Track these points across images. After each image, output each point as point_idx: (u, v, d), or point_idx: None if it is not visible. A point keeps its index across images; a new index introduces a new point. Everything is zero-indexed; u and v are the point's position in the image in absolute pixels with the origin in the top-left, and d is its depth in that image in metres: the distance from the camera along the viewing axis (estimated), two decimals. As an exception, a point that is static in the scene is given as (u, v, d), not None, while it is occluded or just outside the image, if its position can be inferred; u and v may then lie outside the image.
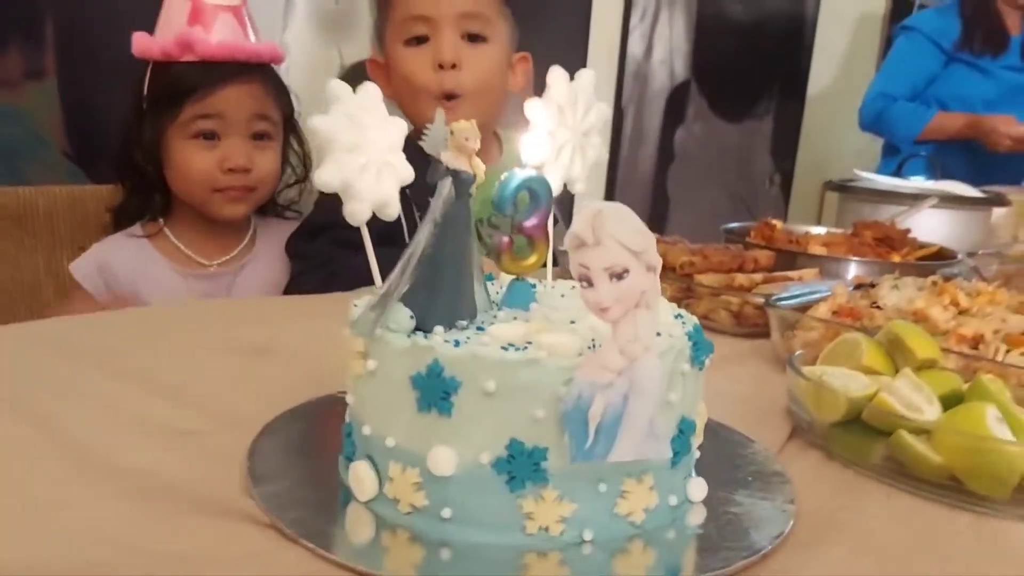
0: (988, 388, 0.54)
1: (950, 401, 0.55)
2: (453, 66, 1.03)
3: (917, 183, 1.31)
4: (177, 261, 1.09)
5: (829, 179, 3.66)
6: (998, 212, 1.37)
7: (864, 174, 1.37)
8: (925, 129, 2.08)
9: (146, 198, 1.09)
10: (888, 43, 3.81)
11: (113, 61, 1.65)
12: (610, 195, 2.73)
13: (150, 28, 1.60)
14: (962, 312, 0.74)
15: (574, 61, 2.58)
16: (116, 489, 0.47)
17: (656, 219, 2.95)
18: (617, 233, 0.41)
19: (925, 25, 2.13)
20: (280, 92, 1.09)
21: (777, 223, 1.17)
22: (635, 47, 2.75)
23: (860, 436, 0.56)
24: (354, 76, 1.98)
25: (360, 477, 0.46)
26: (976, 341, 0.69)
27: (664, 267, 0.92)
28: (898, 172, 1.47)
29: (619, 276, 0.42)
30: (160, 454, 0.51)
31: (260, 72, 1.06)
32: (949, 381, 0.57)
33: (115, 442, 0.52)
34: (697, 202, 3.08)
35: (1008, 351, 0.66)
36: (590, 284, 0.42)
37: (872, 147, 3.90)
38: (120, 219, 1.11)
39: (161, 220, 1.10)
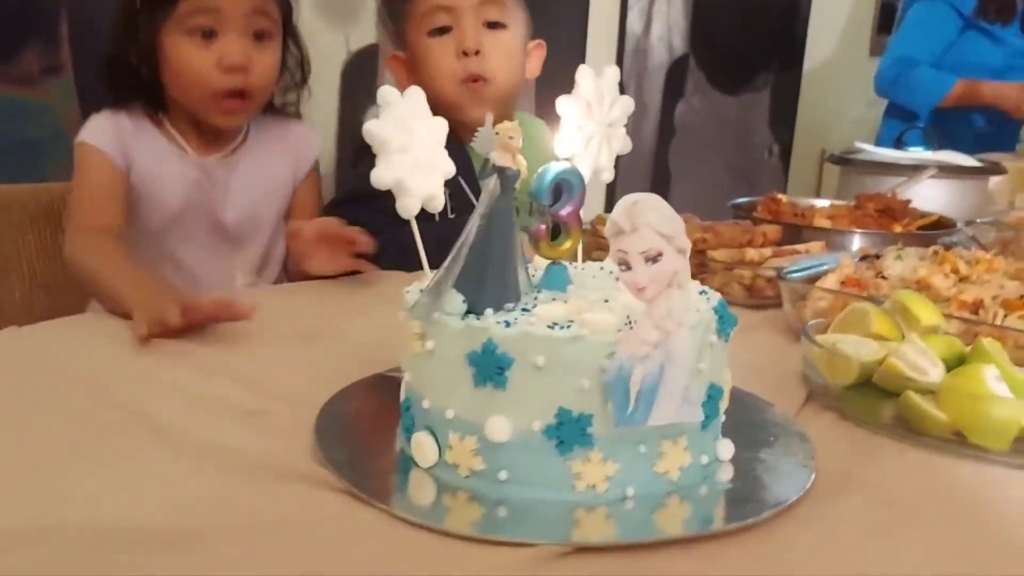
0: (987, 350, 0.59)
1: (953, 363, 0.60)
2: (477, 52, 1.06)
3: (916, 154, 1.36)
4: (175, 148, 1.06)
5: (828, 151, 3.70)
6: (995, 180, 1.41)
7: (864, 146, 1.41)
8: (947, 96, 2.05)
9: (139, 95, 1.04)
10: (885, 14, 3.83)
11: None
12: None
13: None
14: (962, 279, 0.79)
15: (574, 39, 2.62)
16: (199, 464, 0.52)
17: (658, 192, 2.97)
18: (651, 221, 0.46)
19: None
20: None
21: (782, 197, 1.22)
22: (634, 23, 2.78)
23: (871, 398, 0.61)
24: (360, 61, 2.02)
25: (422, 446, 0.51)
26: (976, 306, 0.74)
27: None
28: (899, 142, 1.50)
29: (654, 259, 0.46)
30: (235, 431, 0.56)
31: None
32: (952, 345, 0.62)
33: (194, 422, 0.57)
34: (698, 174, 3.12)
35: (1006, 315, 0.71)
36: (628, 267, 0.47)
37: (869, 116, 3.93)
38: (111, 102, 1.04)
39: (160, 115, 1.05)
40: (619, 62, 2.75)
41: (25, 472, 0.52)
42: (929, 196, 1.25)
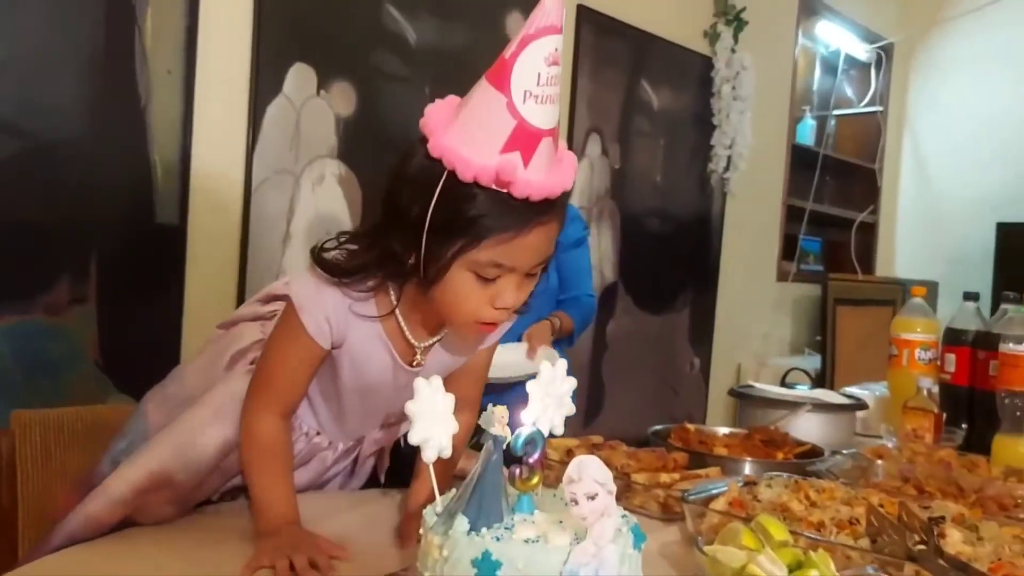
0: (814, 559, 0.87)
1: (793, 568, 0.88)
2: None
3: (796, 392, 1.69)
4: (393, 344, 1.04)
5: (742, 364, 4.10)
6: (861, 414, 1.76)
7: (757, 384, 1.74)
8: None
9: (382, 273, 0.99)
10: (788, 244, 4.39)
11: (146, 285, 1.99)
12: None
13: (175, 260, 1.93)
14: (812, 504, 1.08)
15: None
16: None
17: (594, 400, 3.31)
18: (591, 474, 0.75)
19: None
20: (561, 224, 0.97)
21: (691, 427, 1.53)
22: (570, 255, 3.22)
23: (740, 592, 0.88)
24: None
25: (438, 624, 0.76)
26: (819, 525, 1.03)
27: (608, 465, 1.26)
28: (783, 381, 1.82)
29: (592, 498, 0.75)
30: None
31: (559, 208, 0.94)
32: (795, 555, 0.90)
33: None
34: (629, 385, 3.47)
35: (838, 532, 1.00)
36: (576, 503, 0.75)
37: (776, 332, 4.40)
38: (337, 270, 0.98)
39: (393, 297, 1.00)
40: (557, 287, 3.13)
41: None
42: (806, 427, 1.58)
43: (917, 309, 1.96)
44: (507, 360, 1.61)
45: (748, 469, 1.34)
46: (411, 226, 0.93)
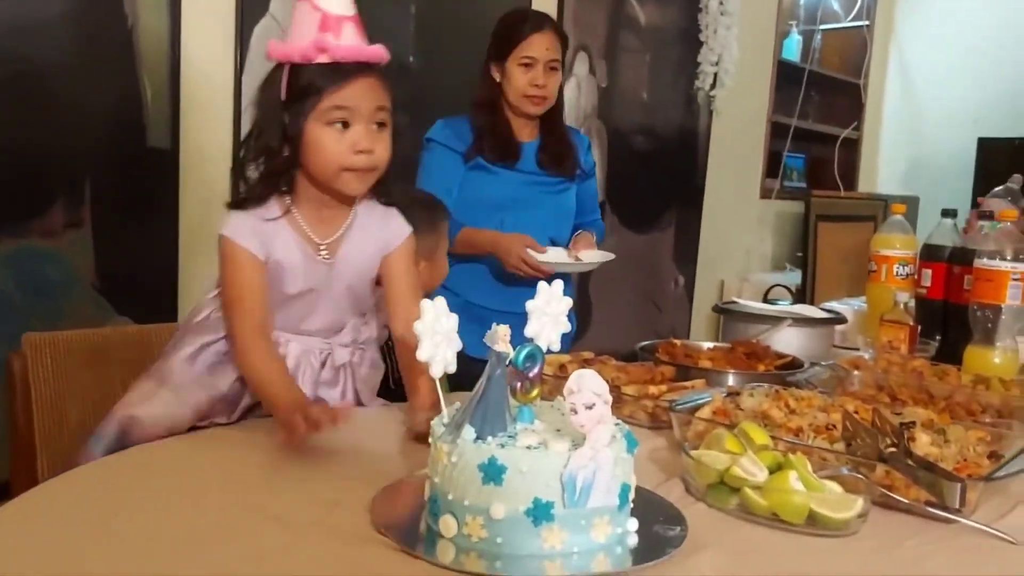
0: (792, 461, 0.94)
1: (774, 469, 0.95)
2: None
3: (778, 307, 1.76)
4: (299, 239, 1.26)
5: (724, 280, 4.16)
6: (840, 328, 1.83)
7: (740, 300, 1.80)
8: (454, 242, 1.93)
9: (274, 183, 1.24)
10: (773, 161, 4.41)
11: (140, 209, 2.01)
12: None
13: (168, 184, 1.91)
14: (792, 412, 1.15)
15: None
16: (304, 533, 0.83)
17: (582, 318, 3.38)
18: (589, 385, 0.81)
19: (440, 135, 2.08)
20: (388, 87, 1.25)
21: (678, 342, 1.59)
22: (557, 174, 3.23)
23: (724, 492, 0.95)
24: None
25: (448, 523, 0.83)
26: (798, 431, 1.10)
27: (598, 380, 1.31)
28: (765, 297, 1.87)
29: (589, 407, 0.80)
30: (323, 514, 0.87)
31: (377, 70, 1.23)
32: (774, 457, 0.97)
33: (293, 508, 0.88)
34: (615, 302, 3.53)
35: (815, 437, 1.07)
36: (575, 412, 0.80)
37: (759, 248, 4.46)
38: (246, 203, 1.25)
39: (289, 201, 1.25)
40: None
41: (169, 548, 0.81)
42: (786, 340, 1.65)
43: (896, 226, 2.01)
44: (570, 267, 2.02)
45: (731, 381, 1.41)
46: (273, 121, 1.21)
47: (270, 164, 1.24)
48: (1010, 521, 0.95)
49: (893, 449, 1.00)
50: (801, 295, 3.81)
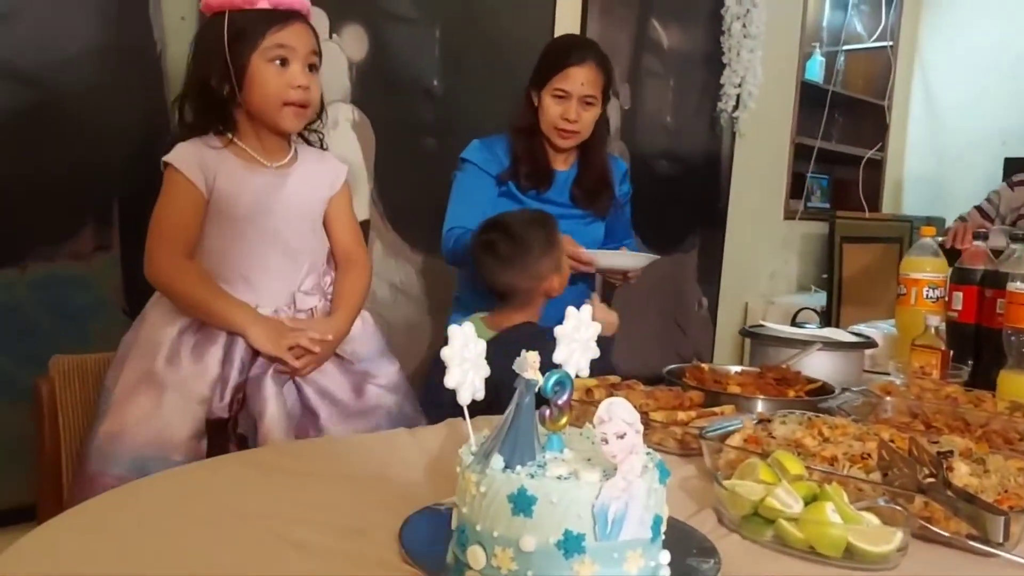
0: (829, 492, 0.92)
1: (809, 500, 0.93)
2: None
3: (807, 331, 1.73)
4: (244, 162, 1.40)
5: (748, 303, 4.13)
6: (870, 352, 1.80)
7: (768, 324, 1.78)
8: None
9: (215, 117, 1.40)
10: (796, 181, 4.39)
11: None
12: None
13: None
14: (825, 440, 1.13)
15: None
16: (328, 564, 0.81)
17: (604, 338, 3.34)
18: (620, 414, 0.79)
19: (475, 156, 2.06)
20: (315, 33, 1.45)
21: (705, 366, 1.57)
22: (580, 196, 3.23)
23: (758, 523, 0.93)
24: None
25: (476, 554, 0.81)
26: (832, 460, 1.07)
27: (626, 406, 1.29)
28: (794, 320, 1.85)
29: (621, 437, 0.79)
30: (347, 544, 0.86)
31: (306, 18, 1.42)
32: (810, 488, 0.95)
33: (316, 538, 0.86)
34: (639, 323, 3.51)
35: (850, 466, 1.05)
36: (606, 442, 0.79)
37: (784, 271, 4.43)
38: (191, 132, 1.41)
39: (230, 135, 1.41)
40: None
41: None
42: (817, 365, 1.62)
43: (926, 248, 1.98)
44: (616, 259, 2.14)
45: (761, 406, 1.38)
46: (215, 61, 1.34)
47: (210, 99, 1.37)
48: (1054, 555, 0.92)
49: (932, 479, 0.97)
50: (827, 317, 3.77)
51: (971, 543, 0.92)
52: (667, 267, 3.60)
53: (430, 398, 1.57)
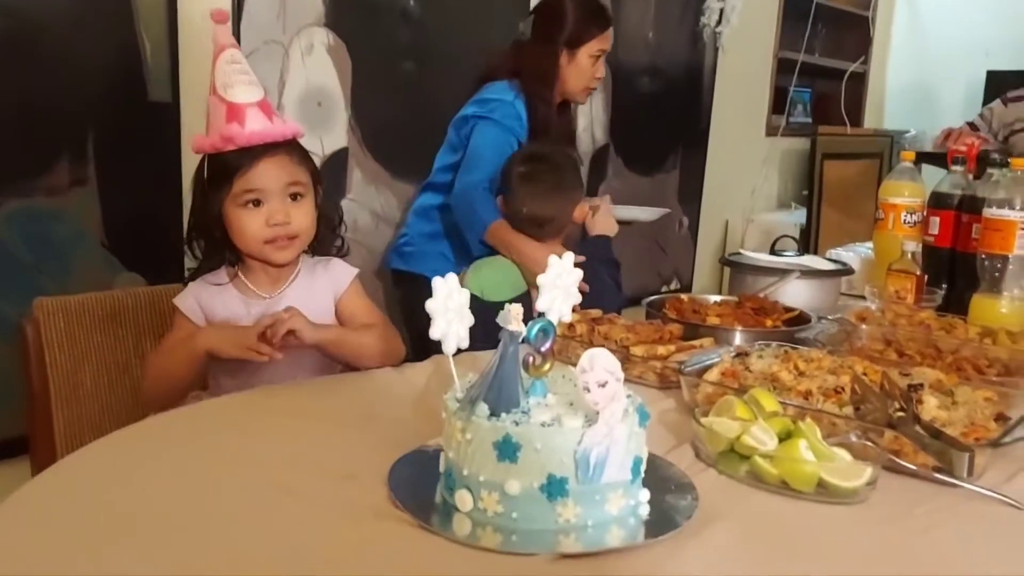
0: (802, 429, 0.95)
1: (783, 436, 0.96)
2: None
3: (786, 259, 1.75)
4: (248, 296, 1.37)
5: (729, 221, 4.15)
6: (846, 279, 1.83)
7: (747, 252, 1.80)
8: (488, 232, 2.05)
9: (218, 256, 1.37)
10: (778, 97, 4.35)
11: (144, 164, 1.99)
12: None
13: (170, 138, 1.95)
14: (801, 373, 1.16)
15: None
16: (322, 510, 0.84)
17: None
18: (601, 363, 0.81)
19: (508, 119, 2.12)
20: (305, 159, 1.36)
21: (684, 296, 1.60)
22: (561, 117, 3.19)
23: (734, 460, 0.96)
24: (334, 160, 2.35)
25: (464, 498, 0.84)
26: (807, 394, 1.11)
27: (608, 338, 1.32)
28: (772, 248, 1.85)
29: (602, 385, 0.81)
30: (339, 489, 0.88)
31: (285, 147, 1.32)
32: (784, 424, 0.98)
33: (307, 483, 0.89)
34: (620, 244, 3.52)
35: (824, 401, 1.08)
36: (588, 390, 0.81)
37: (764, 188, 4.44)
38: (198, 272, 1.38)
39: (235, 268, 1.38)
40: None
41: (181, 525, 0.83)
42: (795, 293, 1.65)
43: (905, 173, 1.99)
44: (633, 212, 2.44)
45: (739, 339, 1.41)
46: (205, 207, 1.32)
47: (209, 242, 1.35)
48: (1017, 485, 0.97)
49: (902, 414, 1.01)
50: (806, 236, 3.80)
51: (938, 475, 0.96)
52: (648, 187, 3.60)
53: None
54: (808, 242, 3.69)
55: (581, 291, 0.98)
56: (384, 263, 2.42)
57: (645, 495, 0.88)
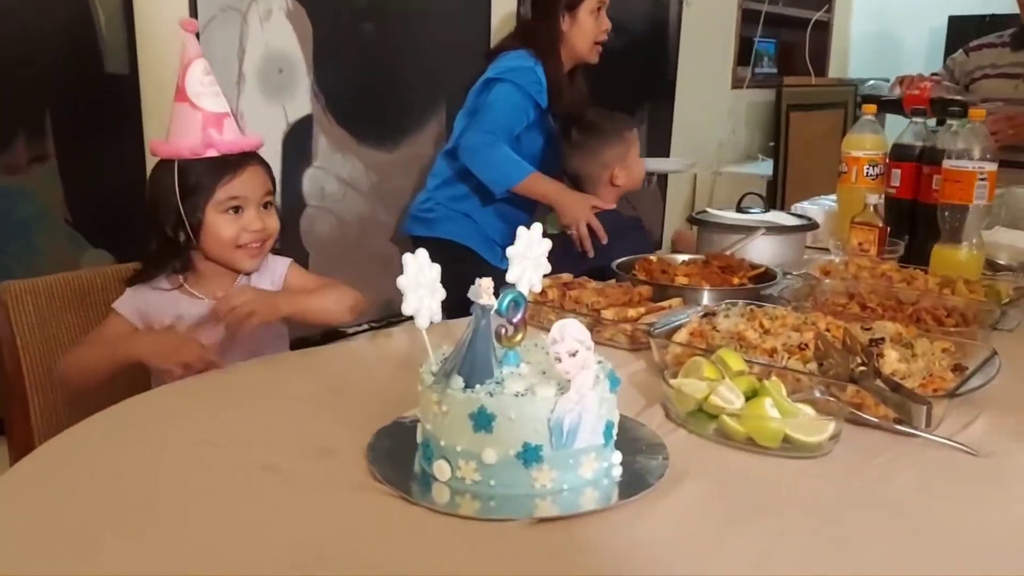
0: (767, 387, 0.98)
1: (750, 395, 0.99)
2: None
3: (752, 216, 1.78)
4: (190, 299, 1.39)
5: (697, 175, 4.16)
6: (812, 233, 1.86)
7: (712, 210, 1.82)
8: (521, 184, 2.12)
9: (167, 263, 1.37)
10: (744, 49, 4.35)
11: (104, 138, 1.97)
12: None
13: (129, 110, 1.93)
14: (766, 331, 1.19)
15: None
16: (304, 486, 0.86)
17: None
18: (572, 333, 0.83)
19: (530, 85, 2.16)
20: (269, 169, 1.42)
21: (653, 257, 1.62)
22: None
23: (702, 419, 1.00)
24: (297, 129, 2.33)
25: (441, 468, 0.87)
26: (772, 352, 1.14)
27: (579, 303, 1.34)
28: (739, 206, 1.87)
29: (573, 354, 0.83)
30: (318, 465, 0.90)
31: (258, 158, 1.39)
32: (750, 382, 1.01)
33: (287, 461, 0.91)
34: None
35: (788, 358, 1.12)
36: (560, 360, 0.83)
37: (732, 140, 4.45)
38: (142, 276, 1.38)
39: (180, 277, 1.39)
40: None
41: (161, 504, 0.84)
42: (761, 249, 1.68)
43: (867, 126, 2.02)
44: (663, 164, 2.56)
45: (707, 298, 1.44)
46: (169, 211, 1.32)
47: (165, 247, 1.35)
48: (972, 432, 1.01)
49: (863, 368, 1.04)
50: (773, 187, 3.84)
51: (898, 427, 1.00)
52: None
53: None
54: (775, 195, 3.73)
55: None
56: (402, 229, 2.44)
57: (617, 457, 0.91)
